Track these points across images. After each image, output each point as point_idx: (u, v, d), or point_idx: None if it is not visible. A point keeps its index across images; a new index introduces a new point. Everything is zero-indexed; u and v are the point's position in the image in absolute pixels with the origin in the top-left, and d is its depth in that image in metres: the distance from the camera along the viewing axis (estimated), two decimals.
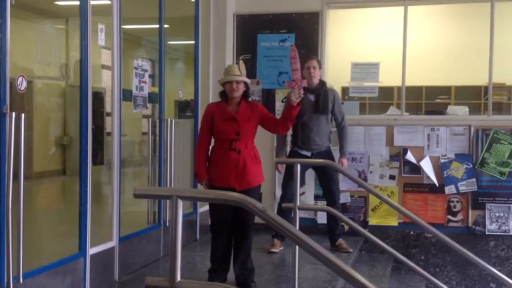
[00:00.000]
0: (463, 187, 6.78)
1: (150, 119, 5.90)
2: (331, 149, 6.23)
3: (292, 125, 4.84)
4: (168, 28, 6.08)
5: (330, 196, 6.19)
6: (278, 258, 5.98)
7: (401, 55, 7.04)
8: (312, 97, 6.03)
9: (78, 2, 4.57)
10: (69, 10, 5.43)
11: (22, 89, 3.79)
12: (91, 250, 4.59)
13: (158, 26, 5.93)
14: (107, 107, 5.27)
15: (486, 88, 7.71)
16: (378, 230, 6.66)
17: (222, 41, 7.28)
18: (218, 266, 4.75)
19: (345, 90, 8.41)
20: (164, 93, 5.98)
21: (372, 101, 9.17)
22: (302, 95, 4.60)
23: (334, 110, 6.10)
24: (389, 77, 7.22)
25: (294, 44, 5.92)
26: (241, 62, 4.78)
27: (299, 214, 4.42)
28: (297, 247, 4.26)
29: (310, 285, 5.01)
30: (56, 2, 5.77)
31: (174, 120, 6.00)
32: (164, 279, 2.39)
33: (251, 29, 7.38)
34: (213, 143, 4.82)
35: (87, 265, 4.52)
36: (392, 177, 6.98)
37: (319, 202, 6.99)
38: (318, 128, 6.04)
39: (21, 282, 3.63)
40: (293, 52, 4.65)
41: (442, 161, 6.83)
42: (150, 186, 5.86)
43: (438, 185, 6.82)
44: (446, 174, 6.80)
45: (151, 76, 5.88)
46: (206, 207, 6.34)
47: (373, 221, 7.01)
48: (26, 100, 4.54)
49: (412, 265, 4.57)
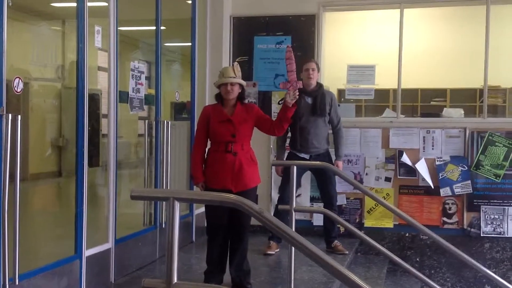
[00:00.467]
0: (458, 189, 6.80)
1: (147, 121, 5.90)
2: (329, 151, 6.24)
3: (288, 126, 4.85)
4: (164, 30, 6.08)
5: (328, 199, 6.19)
6: (274, 260, 5.98)
7: (397, 58, 7.06)
8: (309, 99, 6.03)
9: (74, 4, 4.57)
10: (65, 12, 5.43)
11: (18, 90, 3.79)
12: (87, 252, 4.58)
13: (155, 28, 5.93)
14: (103, 109, 5.27)
15: (481, 90, 7.73)
16: (373, 232, 6.66)
17: (219, 43, 7.28)
18: (214, 267, 4.75)
19: (341, 92, 8.43)
20: (160, 95, 5.97)
21: (368, 103, 9.17)
22: (297, 96, 4.61)
23: (330, 112, 6.10)
24: (385, 79, 7.23)
25: (290, 46, 5.93)
26: (236, 64, 4.79)
27: (295, 216, 4.44)
28: (293, 249, 4.27)
29: (306, 287, 5.01)
30: (52, 4, 5.77)
31: (170, 122, 6.00)
32: (160, 281, 2.39)
33: (248, 31, 7.38)
34: (209, 145, 4.83)
35: (83, 267, 4.52)
36: (387, 179, 6.99)
37: (315, 204, 7.01)
38: (316, 130, 6.04)
39: (17, 283, 3.63)
40: (288, 53, 4.66)
41: (437, 163, 6.85)
42: (146, 188, 5.85)
43: (433, 187, 6.84)
44: (442, 176, 6.82)
45: (148, 78, 5.88)
46: (202, 209, 6.35)
47: (368, 223, 7.02)
48: (22, 101, 4.54)
49: (407, 267, 4.57)
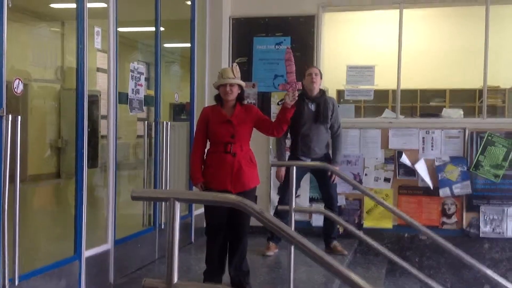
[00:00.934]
0: (458, 190, 6.80)
1: (146, 122, 5.90)
2: (329, 154, 6.22)
3: (287, 127, 4.82)
4: (164, 31, 6.08)
5: (328, 201, 6.20)
6: (273, 261, 5.99)
7: (396, 58, 7.07)
8: (312, 106, 6.01)
9: (74, 5, 4.57)
10: (64, 13, 5.43)
11: (18, 92, 3.79)
12: (86, 253, 4.58)
13: (154, 29, 5.93)
14: (102, 110, 5.27)
15: (480, 91, 7.73)
16: (372, 233, 6.61)
17: (218, 44, 7.28)
18: (213, 268, 4.75)
19: (340, 93, 8.42)
20: (160, 96, 5.97)
21: (367, 104, 9.17)
22: (297, 98, 4.60)
23: (331, 118, 6.09)
24: (384, 80, 7.24)
25: (289, 47, 5.92)
26: (234, 64, 4.79)
27: (294, 217, 4.44)
28: (292, 249, 4.28)
29: (305, 287, 5.02)
30: (51, 5, 5.77)
31: (170, 123, 6.00)
32: (161, 281, 2.39)
33: (247, 32, 7.39)
34: (208, 146, 4.84)
35: (82, 267, 4.52)
36: (387, 179, 7.00)
37: (314, 205, 7.01)
38: (318, 137, 6.03)
39: (16, 284, 3.63)
40: (288, 54, 4.66)
41: (437, 163, 6.85)
42: (146, 188, 5.85)
43: (432, 187, 6.84)
44: (441, 176, 6.82)
45: (147, 79, 5.88)
46: (201, 210, 6.35)
47: (367, 223, 7.02)
48: (22, 103, 4.54)
49: (407, 267, 4.57)
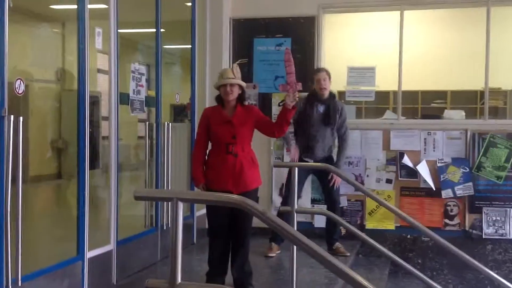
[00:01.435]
0: (460, 191, 6.79)
1: (147, 123, 5.89)
2: (332, 156, 6.24)
3: (287, 128, 4.80)
4: (164, 32, 6.08)
5: (331, 203, 6.21)
6: (275, 262, 5.98)
7: (397, 60, 7.06)
8: (321, 108, 6.02)
9: (75, 6, 4.57)
10: (66, 14, 5.42)
11: (20, 92, 3.79)
12: (89, 254, 4.58)
13: (155, 30, 5.93)
14: (103, 111, 5.26)
15: (482, 93, 7.73)
16: (375, 234, 6.62)
17: (219, 45, 7.28)
18: (215, 269, 4.75)
19: (341, 94, 8.42)
20: (160, 97, 5.97)
21: (368, 105, 9.16)
22: (297, 98, 4.59)
23: (338, 122, 6.09)
24: (385, 81, 7.24)
25: (288, 47, 5.91)
26: (235, 65, 4.79)
27: (297, 218, 4.43)
28: (295, 250, 4.27)
29: None
30: (52, 6, 5.76)
31: (171, 124, 6.00)
32: (164, 281, 2.38)
33: (247, 33, 7.39)
34: (210, 147, 4.83)
35: (85, 268, 4.51)
36: (388, 181, 6.99)
37: (316, 206, 7.00)
38: (324, 140, 6.05)
39: (19, 285, 3.63)
40: (287, 55, 4.64)
41: (438, 165, 6.84)
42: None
43: (434, 189, 6.83)
44: (443, 178, 6.81)
45: (148, 80, 5.88)
46: (203, 211, 6.34)
47: (370, 224, 7.01)
48: (23, 103, 4.53)
49: (409, 268, 4.57)
